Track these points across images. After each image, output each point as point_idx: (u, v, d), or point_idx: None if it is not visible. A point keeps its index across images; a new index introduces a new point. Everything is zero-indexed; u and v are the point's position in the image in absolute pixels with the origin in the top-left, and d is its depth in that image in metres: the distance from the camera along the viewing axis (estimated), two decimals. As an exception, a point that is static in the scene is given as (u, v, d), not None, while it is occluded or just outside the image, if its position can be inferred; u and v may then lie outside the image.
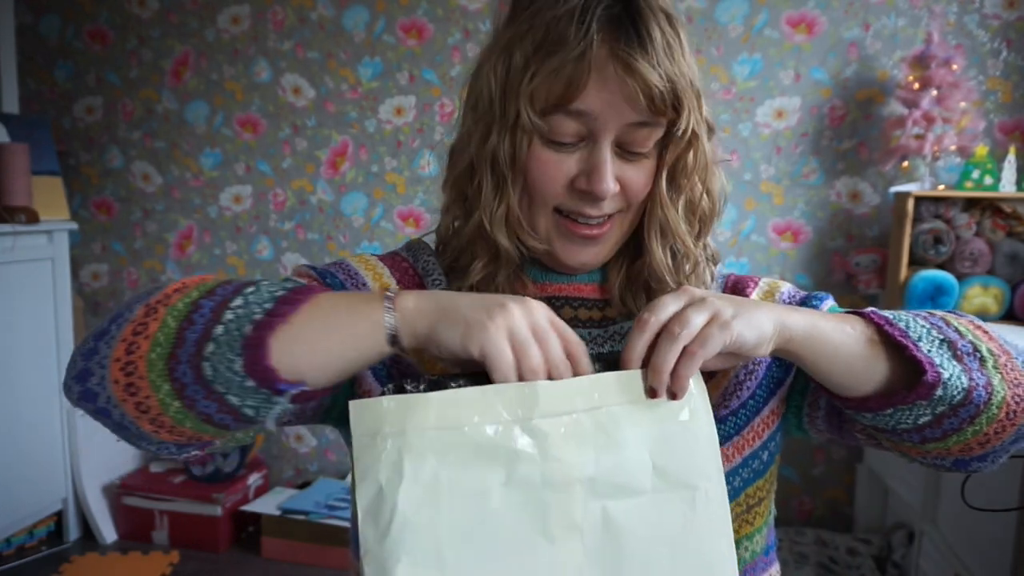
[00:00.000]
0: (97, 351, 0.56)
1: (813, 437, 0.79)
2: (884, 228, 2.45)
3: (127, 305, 0.59)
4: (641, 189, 0.68)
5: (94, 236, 2.99)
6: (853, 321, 0.64)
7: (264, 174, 2.84)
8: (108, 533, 2.62)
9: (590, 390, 0.57)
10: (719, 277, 0.79)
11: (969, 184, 2.21)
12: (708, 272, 0.76)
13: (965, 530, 1.81)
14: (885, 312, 0.65)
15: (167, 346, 0.54)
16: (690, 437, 0.58)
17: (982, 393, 0.60)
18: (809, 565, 2.28)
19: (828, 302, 0.76)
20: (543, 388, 0.55)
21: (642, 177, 0.68)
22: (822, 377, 0.63)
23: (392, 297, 0.57)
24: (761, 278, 0.80)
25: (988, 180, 2.19)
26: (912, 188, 2.27)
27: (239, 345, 0.53)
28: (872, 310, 0.65)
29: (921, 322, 0.64)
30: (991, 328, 0.68)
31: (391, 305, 0.56)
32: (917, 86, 2.22)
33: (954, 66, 2.20)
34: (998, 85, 2.34)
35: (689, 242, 0.71)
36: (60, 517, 2.61)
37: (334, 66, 2.73)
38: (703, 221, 0.73)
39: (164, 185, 2.92)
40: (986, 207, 2.23)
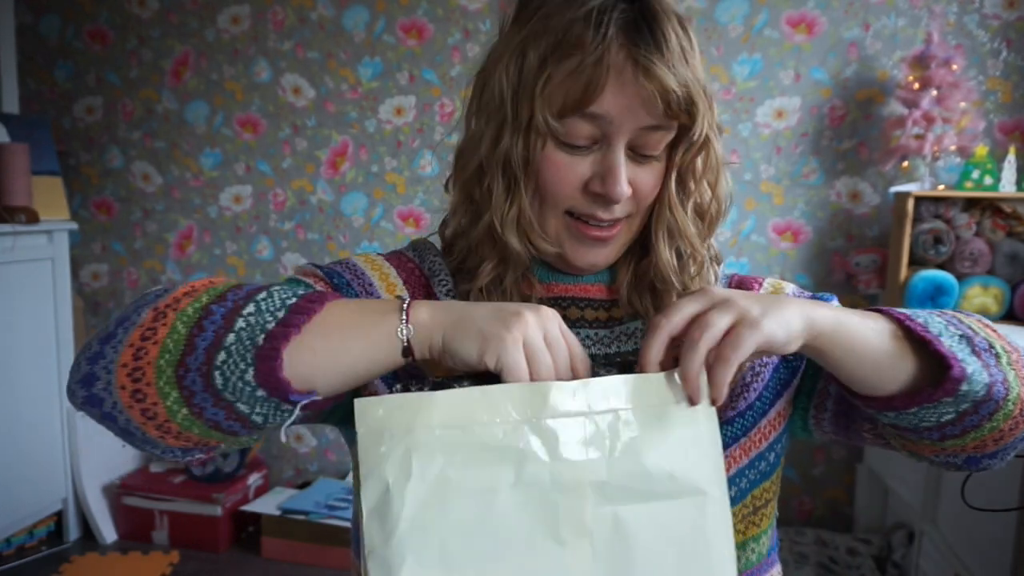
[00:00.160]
0: (103, 355, 0.55)
1: (817, 438, 0.79)
2: (884, 228, 2.45)
3: (134, 308, 0.57)
4: (650, 192, 0.68)
5: (94, 236, 2.99)
6: (875, 317, 0.63)
7: (264, 174, 2.84)
8: (108, 533, 2.62)
9: (601, 392, 0.56)
10: (723, 278, 0.79)
11: (969, 184, 2.21)
12: (712, 272, 0.76)
13: (965, 530, 1.81)
14: (901, 309, 0.64)
15: (176, 353, 0.53)
16: (700, 442, 0.58)
17: (1000, 389, 0.60)
18: (809, 565, 2.28)
19: (833, 303, 0.76)
20: (553, 388, 0.55)
21: (651, 180, 0.68)
22: (847, 374, 0.62)
23: (406, 308, 0.56)
24: (765, 279, 0.80)
25: (988, 180, 2.19)
26: (912, 188, 2.27)
27: (251, 355, 0.52)
28: (887, 308, 0.65)
29: (938, 319, 0.64)
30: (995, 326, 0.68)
31: (405, 316, 0.56)
32: (917, 86, 2.22)
33: (954, 66, 2.20)
34: (998, 85, 2.35)
35: (697, 244, 0.71)
36: (60, 517, 2.61)
37: (334, 66, 2.73)
38: (709, 223, 0.73)
39: (164, 185, 2.92)
40: (986, 207, 2.23)
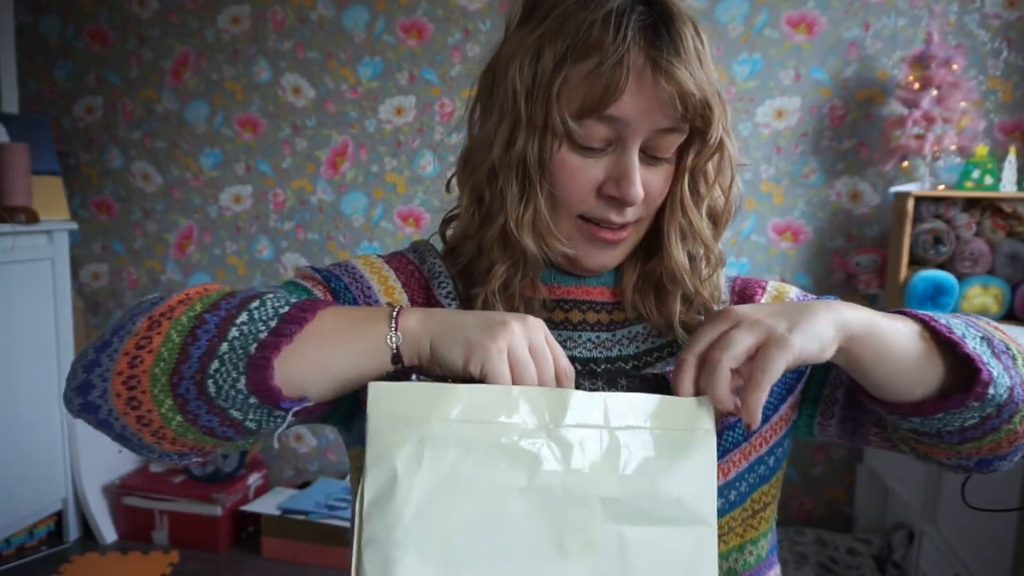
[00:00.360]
0: (99, 363, 0.56)
1: (819, 439, 0.79)
2: (884, 228, 2.45)
3: (129, 317, 0.58)
4: (660, 194, 0.68)
5: (94, 236, 2.99)
6: (902, 318, 0.62)
7: (264, 174, 2.84)
8: (108, 533, 2.62)
9: (622, 407, 0.56)
10: (726, 281, 0.78)
11: (969, 184, 2.21)
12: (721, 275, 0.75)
13: (965, 530, 1.81)
14: (921, 311, 0.64)
15: (171, 361, 0.54)
16: (706, 472, 0.57)
17: (1020, 392, 0.60)
18: (809, 565, 2.28)
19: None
20: (573, 397, 0.54)
21: (661, 182, 0.68)
22: (876, 379, 0.60)
23: (395, 316, 0.57)
24: (768, 282, 0.80)
25: (988, 180, 2.19)
26: (912, 188, 2.27)
27: (243, 364, 0.53)
28: (907, 309, 0.64)
29: (956, 320, 0.63)
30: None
31: (394, 324, 0.56)
32: (917, 86, 2.22)
33: (954, 66, 2.20)
34: (998, 85, 2.34)
35: (713, 245, 0.71)
36: (60, 517, 2.61)
37: (334, 66, 2.73)
38: (720, 225, 0.72)
39: (164, 185, 2.92)
40: (986, 207, 2.23)
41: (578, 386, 0.58)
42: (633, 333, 0.74)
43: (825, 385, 0.74)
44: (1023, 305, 2.16)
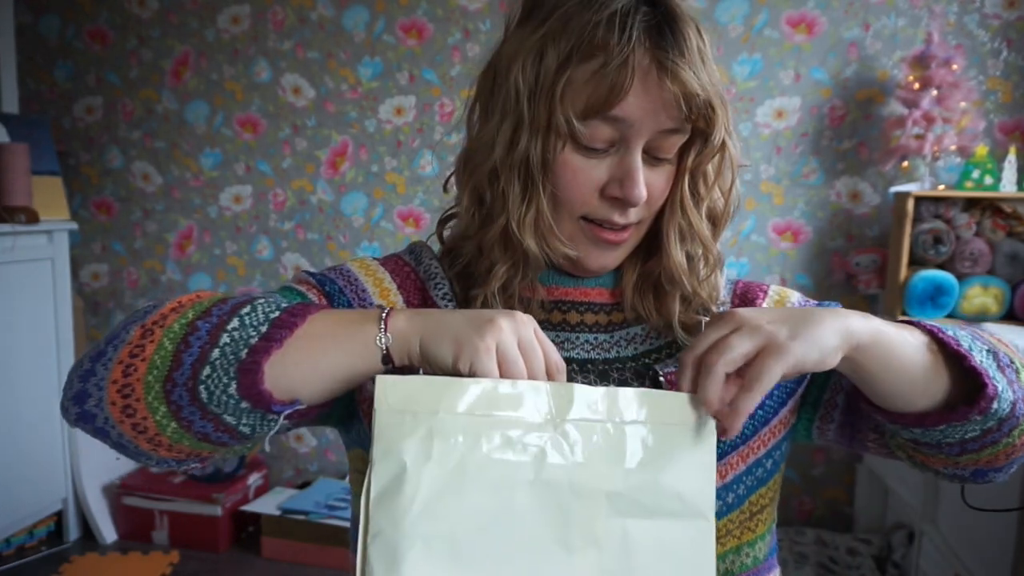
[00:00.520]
0: (94, 372, 0.57)
1: (817, 443, 0.79)
2: (884, 228, 2.45)
3: (123, 326, 0.59)
4: (661, 194, 0.68)
5: (94, 236, 2.99)
6: (910, 328, 0.61)
7: (264, 174, 2.84)
8: (108, 533, 2.62)
9: (626, 402, 0.56)
10: (727, 282, 0.78)
11: (969, 184, 2.21)
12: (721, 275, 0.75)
13: (965, 530, 1.81)
14: (928, 321, 0.63)
15: (164, 368, 0.55)
16: (706, 467, 0.57)
17: (1021, 406, 0.60)
18: (809, 565, 2.28)
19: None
20: (579, 391, 0.54)
21: (663, 183, 0.68)
22: (881, 389, 0.60)
23: (384, 317, 0.57)
24: (770, 287, 0.79)
25: (988, 180, 2.19)
26: (912, 188, 2.27)
27: (234, 369, 0.54)
28: (914, 319, 0.64)
29: (962, 332, 0.63)
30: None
31: (384, 325, 0.56)
32: (917, 86, 2.22)
33: (954, 66, 2.20)
34: (998, 85, 2.34)
35: (712, 245, 0.71)
36: (60, 517, 2.61)
37: (334, 66, 2.73)
38: (718, 225, 0.72)
39: (164, 185, 2.92)
40: (986, 207, 2.23)
41: (570, 381, 0.58)
42: (631, 335, 0.74)
43: (825, 390, 0.74)
44: (1023, 305, 2.16)
